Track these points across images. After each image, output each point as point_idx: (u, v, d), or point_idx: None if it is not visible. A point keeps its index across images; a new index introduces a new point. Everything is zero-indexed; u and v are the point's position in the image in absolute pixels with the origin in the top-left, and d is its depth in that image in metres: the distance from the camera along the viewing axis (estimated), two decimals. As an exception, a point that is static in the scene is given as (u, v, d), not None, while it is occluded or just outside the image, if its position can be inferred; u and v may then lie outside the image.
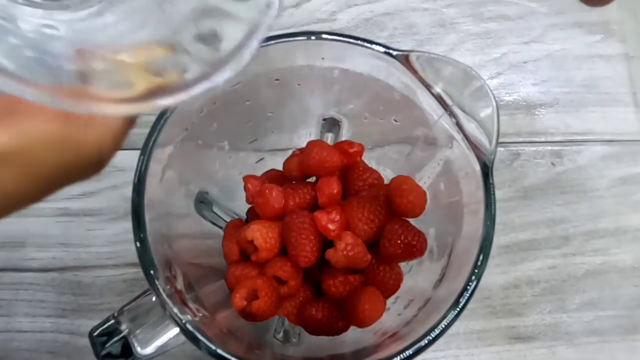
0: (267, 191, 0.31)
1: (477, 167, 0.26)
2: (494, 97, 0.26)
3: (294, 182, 0.33)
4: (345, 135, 0.35)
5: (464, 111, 0.26)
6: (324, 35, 0.27)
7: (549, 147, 0.43)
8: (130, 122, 0.17)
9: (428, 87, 0.27)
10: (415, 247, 0.30)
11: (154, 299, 0.25)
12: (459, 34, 0.45)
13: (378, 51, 0.27)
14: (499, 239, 0.41)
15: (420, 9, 0.46)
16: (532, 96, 0.44)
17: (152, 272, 0.24)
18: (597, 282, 0.40)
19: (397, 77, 0.29)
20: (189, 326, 0.24)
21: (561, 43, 0.44)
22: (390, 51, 0.27)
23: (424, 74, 0.27)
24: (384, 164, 0.35)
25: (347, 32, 0.27)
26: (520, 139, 0.43)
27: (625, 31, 0.44)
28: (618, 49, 0.44)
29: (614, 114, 0.43)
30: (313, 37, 0.28)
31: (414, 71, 0.27)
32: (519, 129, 0.43)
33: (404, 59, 0.27)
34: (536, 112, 0.43)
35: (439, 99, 0.27)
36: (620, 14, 0.45)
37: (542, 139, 0.43)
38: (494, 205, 0.26)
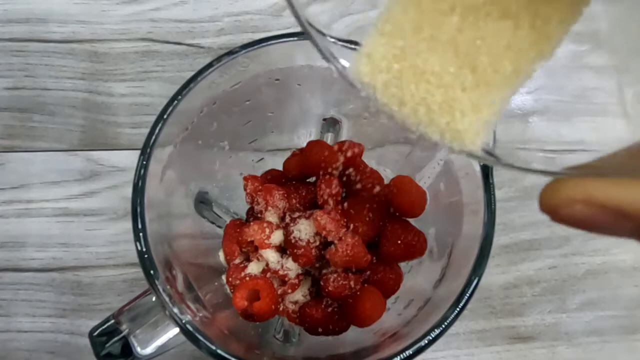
0: (267, 191, 0.31)
1: (477, 167, 0.26)
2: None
3: (294, 182, 0.33)
4: (345, 135, 0.35)
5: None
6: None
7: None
8: None
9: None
10: (415, 247, 0.30)
11: (154, 299, 0.25)
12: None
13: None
14: (499, 239, 0.41)
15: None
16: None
17: (152, 272, 0.24)
18: (597, 282, 0.40)
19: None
20: (189, 326, 0.24)
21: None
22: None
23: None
24: (384, 164, 0.35)
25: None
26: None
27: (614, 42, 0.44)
28: (608, 61, 0.44)
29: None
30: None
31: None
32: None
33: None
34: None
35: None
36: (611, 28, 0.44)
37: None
38: (494, 205, 0.26)
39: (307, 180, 0.33)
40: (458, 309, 0.24)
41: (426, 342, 0.24)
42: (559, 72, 0.17)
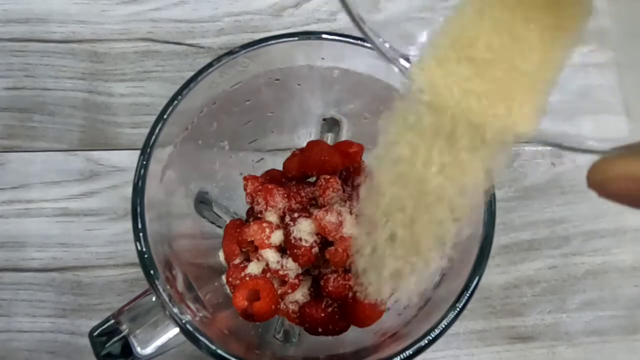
0: (267, 191, 0.31)
1: (477, 167, 0.26)
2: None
3: (294, 182, 0.33)
4: (345, 135, 0.35)
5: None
6: (324, 35, 0.27)
7: (549, 147, 0.43)
8: None
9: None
10: (415, 247, 0.30)
11: (154, 299, 0.25)
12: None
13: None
14: (499, 239, 0.41)
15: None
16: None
17: (152, 272, 0.24)
18: (597, 282, 0.40)
19: (397, 77, 0.29)
20: (189, 326, 0.24)
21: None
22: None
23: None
24: (384, 164, 0.35)
25: (347, 32, 0.27)
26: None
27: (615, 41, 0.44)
28: (609, 58, 0.44)
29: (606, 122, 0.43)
30: (313, 37, 0.28)
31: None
32: (519, 129, 0.43)
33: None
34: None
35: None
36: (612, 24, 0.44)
37: (542, 139, 0.43)
38: (494, 205, 0.26)
39: (307, 180, 0.33)
40: (458, 309, 0.24)
41: (426, 342, 0.24)
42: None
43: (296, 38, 0.27)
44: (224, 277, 0.31)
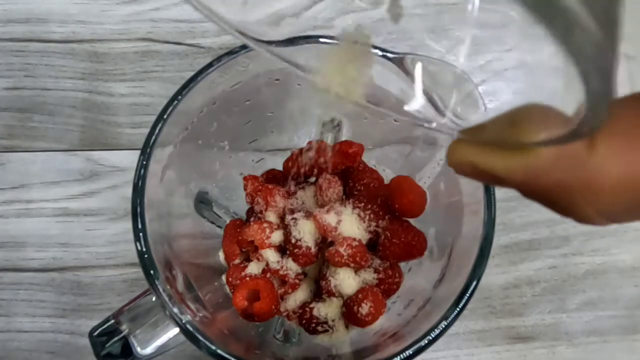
0: (267, 191, 0.31)
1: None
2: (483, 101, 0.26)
3: (294, 182, 0.33)
4: (345, 135, 0.35)
5: (456, 115, 0.26)
6: (321, 40, 0.28)
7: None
8: None
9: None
10: (415, 247, 0.30)
11: (154, 299, 0.25)
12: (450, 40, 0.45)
13: (376, 54, 0.27)
14: (499, 239, 0.41)
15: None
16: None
17: (152, 272, 0.24)
18: (597, 282, 0.40)
19: (394, 78, 0.29)
20: (189, 326, 0.24)
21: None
22: (387, 54, 0.27)
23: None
24: (384, 164, 0.35)
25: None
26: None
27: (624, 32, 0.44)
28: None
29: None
30: (312, 40, 0.28)
31: (406, 73, 0.27)
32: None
33: (400, 61, 0.27)
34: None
35: (432, 101, 0.27)
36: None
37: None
38: (494, 205, 0.26)
39: (307, 180, 0.33)
40: (458, 309, 0.24)
41: (426, 342, 0.24)
42: (541, 73, 0.18)
43: (295, 43, 0.27)
44: (224, 277, 0.31)
